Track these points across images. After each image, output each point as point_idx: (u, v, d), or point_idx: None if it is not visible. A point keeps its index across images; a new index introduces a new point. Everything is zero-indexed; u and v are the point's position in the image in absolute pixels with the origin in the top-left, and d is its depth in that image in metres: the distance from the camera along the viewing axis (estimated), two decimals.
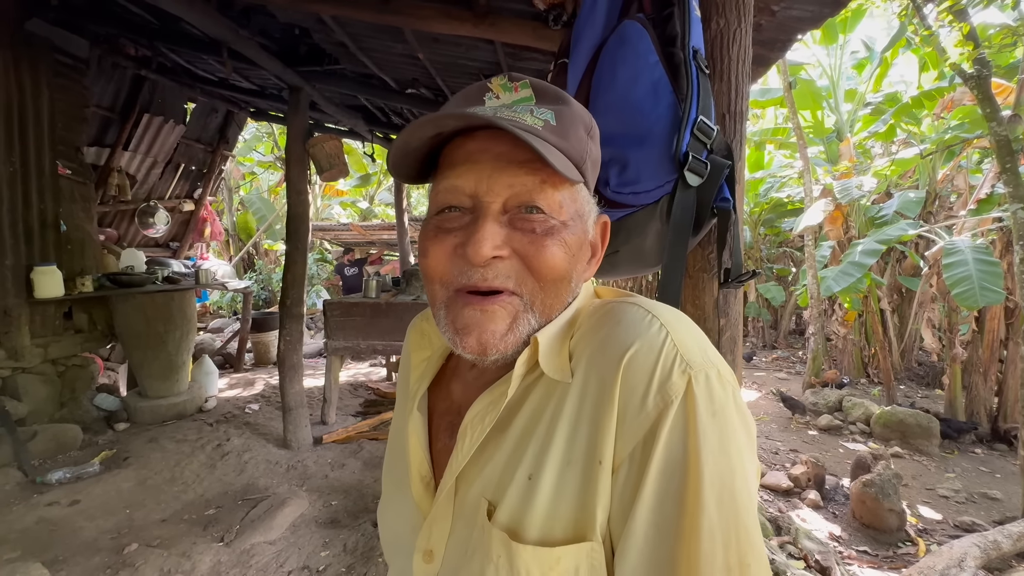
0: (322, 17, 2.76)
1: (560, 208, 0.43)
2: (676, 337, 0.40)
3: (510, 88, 0.46)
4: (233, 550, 2.28)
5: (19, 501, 2.64)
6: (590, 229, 0.48)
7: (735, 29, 1.01)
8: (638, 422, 0.38)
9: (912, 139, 6.16)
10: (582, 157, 0.44)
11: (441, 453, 0.50)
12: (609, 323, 0.43)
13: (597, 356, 0.41)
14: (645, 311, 0.42)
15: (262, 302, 9.17)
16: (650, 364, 0.38)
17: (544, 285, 0.43)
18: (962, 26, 3.42)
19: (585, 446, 0.40)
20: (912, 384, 6.15)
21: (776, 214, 8.50)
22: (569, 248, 0.44)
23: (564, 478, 0.40)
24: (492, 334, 0.42)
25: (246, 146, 11.42)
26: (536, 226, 0.42)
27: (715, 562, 0.34)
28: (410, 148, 0.44)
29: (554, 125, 0.43)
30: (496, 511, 0.42)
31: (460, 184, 0.43)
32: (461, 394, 0.52)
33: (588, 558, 0.38)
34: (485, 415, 0.45)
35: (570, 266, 0.44)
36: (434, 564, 0.46)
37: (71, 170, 3.67)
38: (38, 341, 3.37)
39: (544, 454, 0.41)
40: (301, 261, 3.59)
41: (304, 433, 3.50)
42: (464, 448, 0.45)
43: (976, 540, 2.45)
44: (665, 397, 0.37)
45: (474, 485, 0.44)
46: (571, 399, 0.41)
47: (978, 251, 4.01)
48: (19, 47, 3.18)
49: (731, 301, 1.05)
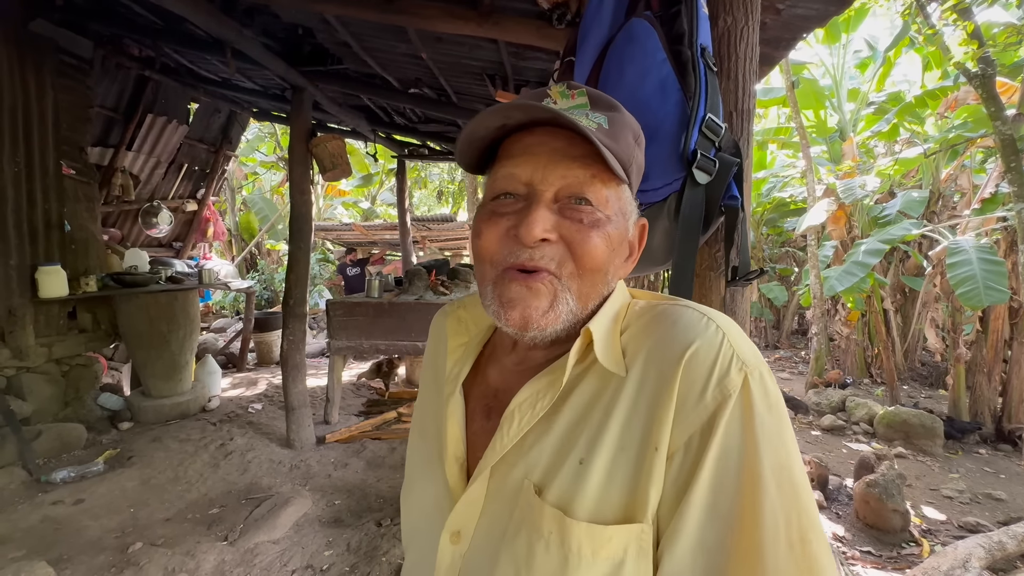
0: (326, 17, 2.77)
1: (607, 203, 0.47)
2: (732, 339, 0.43)
3: (567, 95, 0.50)
4: (237, 549, 2.28)
5: (24, 500, 2.65)
6: (630, 228, 0.51)
7: (742, 27, 1.00)
8: (696, 412, 0.40)
9: (915, 138, 6.14)
10: (629, 160, 0.48)
11: (476, 435, 0.52)
12: (665, 323, 0.46)
13: (656, 352, 0.44)
14: (701, 314, 0.45)
15: (265, 302, 9.18)
16: (710, 360, 0.41)
17: (583, 272, 0.46)
18: (966, 25, 3.41)
19: (640, 433, 0.42)
20: (915, 384, 6.13)
21: (779, 214, 8.49)
22: (611, 241, 0.47)
23: (617, 463, 0.42)
24: (535, 309, 0.45)
25: (249, 146, 11.45)
26: (584, 216, 0.46)
27: (778, 539, 0.37)
28: (476, 137, 0.48)
29: (607, 128, 0.47)
30: (545, 492, 0.43)
31: (517, 172, 0.47)
32: (498, 379, 0.54)
33: (637, 539, 0.40)
34: (536, 402, 0.47)
35: (609, 259, 0.47)
36: (461, 544, 0.47)
37: (75, 170, 3.68)
38: (42, 340, 3.38)
39: (597, 441, 0.43)
40: (304, 261, 3.59)
41: (307, 433, 3.51)
42: (511, 432, 0.46)
43: (981, 541, 2.43)
44: (724, 391, 0.40)
45: (516, 467, 0.46)
46: (628, 391, 0.44)
47: (982, 251, 4.00)
48: (24, 47, 3.20)
49: (738, 299, 1.05)
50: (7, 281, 3.16)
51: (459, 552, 0.47)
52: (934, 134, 5.91)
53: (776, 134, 7.96)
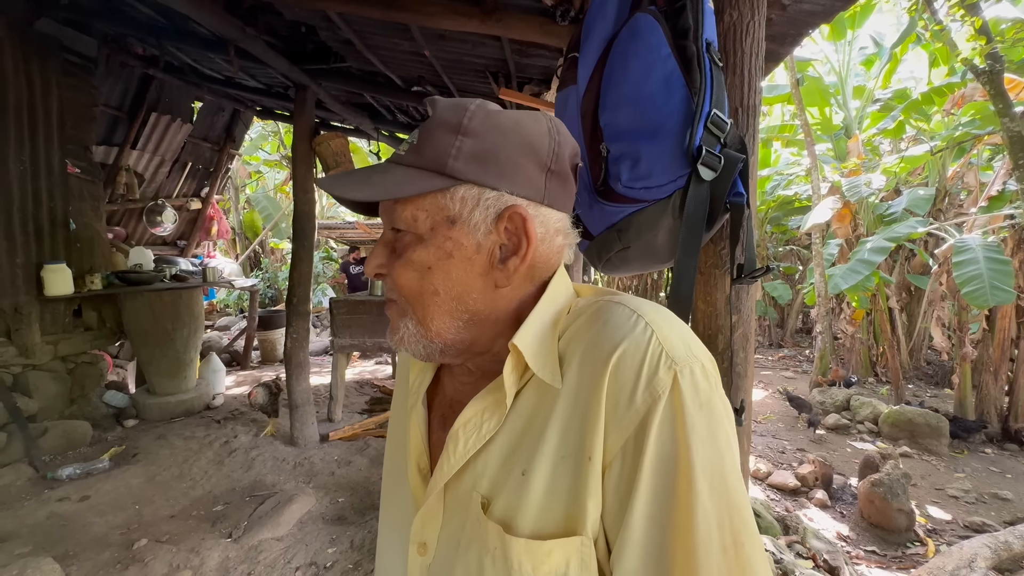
0: (328, 14, 2.76)
1: (414, 221, 0.46)
2: (660, 335, 0.41)
3: None
4: (241, 546, 2.29)
5: (30, 496, 2.67)
6: (478, 228, 0.46)
7: (748, 22, 1.00)
8: (628, 417, 0.39)
9: (922, 136, 6.09)
10: (441, 161, 0.45)
11: (436, 445, 0.53)
12: (597, 323, 0.44)
13: (587, 356, 0.43)
14: (631, 311, 0.43)
15: (268, 300, 9.22)
16: (637, 362, 0.40)
17: (408, 300, 0.48)
18: (974, 20, 3.38)
19: (576, 442, 0.41)
20: (921, 383, 6.10)
21: (783, 212, 8.45)
22: (418, 264, 0.46)
23: (557, 473, 0.41)
24: (391, 331, 0.50)
25: (252, 145, 11.48)
26: (397, 246, 0.48)
27: (711, 543, 0.36)
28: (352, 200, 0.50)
29: (415, 143, 0.46)
30: (491, 505, 0.44)
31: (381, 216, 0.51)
32: (452, 389, 0.56)
33: (578, 552, 0.40)
34: (481, 423, 0.46)
35: (425, 281, 0.47)
36: (427, 556, 0.48)
37: (80, 169, 3.70)
38: (48, 338, 3.40)
39: (537, 451, 0.42)
40: (307, 259, 3.60)
41: (311, 430, 3.52)
42: (457, 453, 0.46)
43: (987, 541, 2.42)
44: (653, 393, 0.39)
45: (464, 480, 0.46)
46: (564, 398, 0.43)
47: (989, 249, 3.97)
48: (29, 46, 3.21)
49: (743, 297, 1.04)
50: (13, 279, 3.18)
51: (426, 563, 0.48)
52: (941, 131, 5.86)
53: (781, 131, 7.92)
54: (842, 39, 6.68)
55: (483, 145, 0.45)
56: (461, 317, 0.48)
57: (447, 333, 0.48)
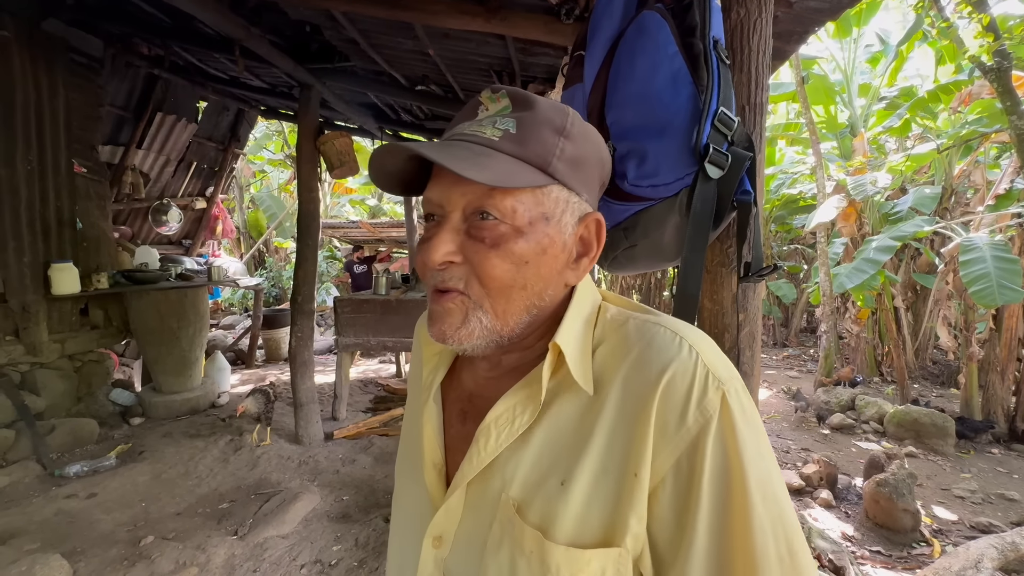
0: (333, 13, 2.77)
1: (514, 213, 0.45)
2: (705, 357, 0.43)
3: (494, 99, 0.49)
4: (247, 543, 2.30)
5: (38, 493, 2.69)
6: (566, 229, 0.49)
7: (755, 19, 0.99)
8: (680, 436, 0.41)
9: (928, 134, 6.04)
10: (547, 159, 0.46)
11: (454, 440, 0.53)
12: (640, 343, 0.46)
13: (633, 375, 0.44)
14: (673, 333, 0.45)
15: (273, 299, 9.25)
16: (687, 383, 0.42)
17: (489, 291, 0.46)
18: (981, 17, 3.35)
19: (621, 458, 0.42)
20: (927, 383, 6.06)
21: (788, 211, 8.41)
22: (518, 256, 0.45)
23: (598, 486, 0.43)
24: (448, 326, 0.47)
25: (257, 144, 11.51)
26: (486, 235, 0.45)
27: (769, 554, 0.39)
28: (391, 171, 0.49)
29: (513, 133, 0.46)
30: (525, 510, 0.44)
31: (431, 196, 0.48)
32: (472, 384, 0.55)
33: (615, 562, 0.42)
34: (513, 418, 0.47)
35: (519, 275, 0.46)
36: (442, 549, 0.49)
37: (86, 168, 3.72)
38: (55, 337, 3.43)
39: (578, 463, 0.44)
40: (312, 258, 3.61)
41: (315, 429, 3.53)
42: (488, 447, 0.47)
43: (993, 541, 2.40)
44: (704, 412, 0.41)
45: (492, 479, 0.47)
46: (607, 413, 0.44)
47: (996, 248, 3.93)
48: (36, 47, 3.23)
49: (750, 296, 1.04)
50: (21, 278, 3.20)
51: (440, 556, 0.49)
52: (947, 129, 5.82)
53: (786, 130, 7.88)
54: (848, 36, 6.64)
55: (578, 151, 0.48)
56: (531, 312, 0.48)
57: (517, 327, 0.48)
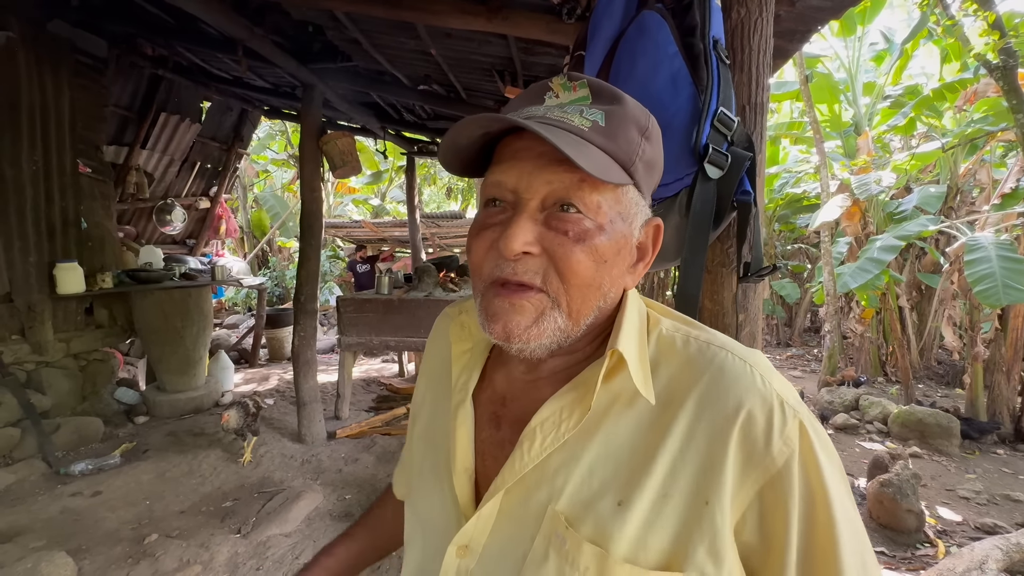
0: (335, 14, 2.77)
1: (598, 209, 0.44)
2: (776, 386, 0.43)
3: (569, 88, 0.47)
4: (250, 542, 2.31)
5: (44, 491, 2.71)
6: (636, 232, 0.48)
7: (756, 18, 0.99)
8: (764, 466, 0.41)
9: (933, 132, 6.01)
10: (630, 159, 0.45)
11: (484, 444, 0.50)
12: (710, 369, 0.44)
13: (707, 404, 0.43)
14: (743, 361, 0.44)
15: (276, 298, 9.28)
16: (766, 415, 0.41)
17: (569, 288, 0.43)
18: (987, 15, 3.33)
19: (689, 485, 0.41)
20: (931, 383, 6.03)
21: (791, 210, 8.38)
22: (600, 254, 0.44)
23: (658, 510, 0.41)
24: (517, 324, 0.43)
25: (260, 144, 11.55)
26: (570, 228, 0.43)
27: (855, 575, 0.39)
28: (460, 146, 0.46)
29: (602, 126, 0.43)
30: (578, 525, 0.42)
31: (503, 179, 0.45)
32: (506, 386, 0.52)
33: None
34: (560, 422, 0.45)
35: (599, 273, 0.44)
36: (468, 559, 0.46)
37: (91, 168, 3.75)
38: (61, 336, 3.45)
39: (638, 484, 0.42)
40: (314, 258, 3.62)
41: (318, 428, 3.54)
42: (532, 452, 0.45)
43: (998, 542, 2.39)
44: (788, 443, 0.41)
45: (538, 490, 0.44)
46: (674, 437, 0.42)
47: (1002, 247, 3.91)
48: (41, 48, 3.25)
49: (751, 296, 1.03)
50: (26, 277, 3.23)
51: (465, 566, 0.46)
52: (952, 128, 5.78)
53: (789, 129, 7.84)
54: (852, 35, 6.59)
55: (654, 155, 0.47)
56: (595, 313, 0.46)
57: (582, 329, 0.46)
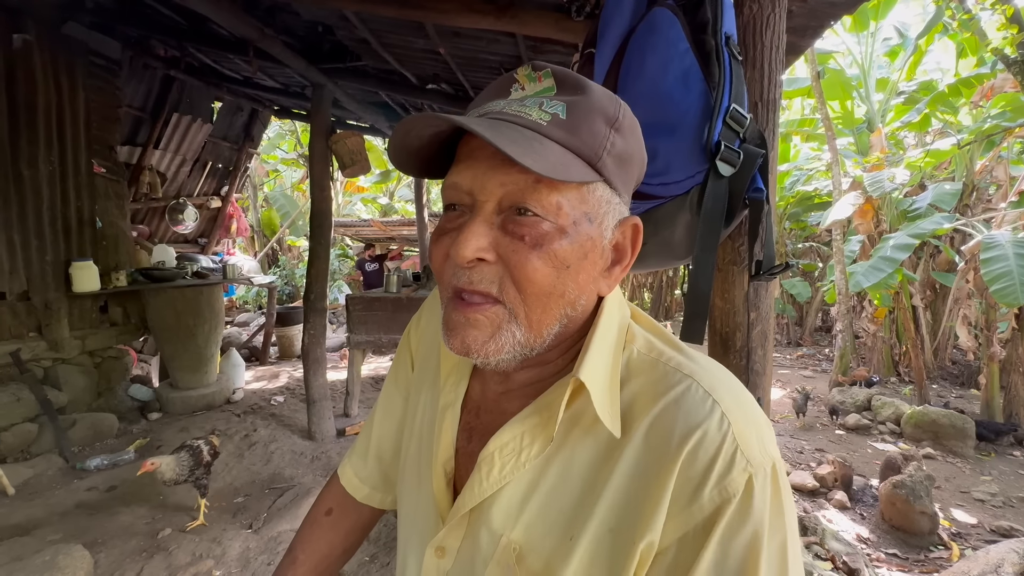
0: (345, 13, 2.78)
1: (559, 211, 0.39)
2: (736, 428, 0.38)
3: (534, 78, 0.43)
4: (261, 537, 2.34)
5: (60, 486, 2.76)
6: (607, 233, 0.43)
7: (768, 14, 0.98)
8: (692, 510, 0.37)
9: (948, 129, 5.91)
10: (596, 153, 0.40)
11: (459, 453, 0.50)
12: (668, 396, 0.41)
13: (654, 434, 0.40)
14: (707, 394, 0.40)
15: (286, 297, 9.36)
16: (709, 456, 0.37)
17: (526, 298, 0.40)
18: (1005, 8, 3.26)
19: (630, 520, 0.39)
20: (945, 384, 5.94)
21: (802, 208, 8.28)
22: (560, 260, 0.40)
23: (601, 544, 0.39)
24: (474, 340, 0.41)
25: (270, 144, 11.65)
26: (526, 232, 0.39)
27: None
28: (413, 147, 0.42)
29: (563, 119, 0.39)
30: (526, 556, 0.41)
31: (459, 181, 0.41)
32: (480, 396, 0.51)
33: None
34: (520, 449, 0.43)
35: (560, 280, 0.40)
36: (446, 561, 0.46)
37: (106, 168, 3.80)
38: (76, 333, 3.51)
39: (588, 516, 0.40)
40: (324, 257, 3.65)
41: (327, 425, 3.57)
42: (490, 479, 0.43)
43: (1014, 545, 2.35)
44: (724, 493, 0.37)
45: (493, 513, 0.44)
46: (623, 469, 0.40)
47: (1019, 245, 3.84)
48: (57, 50, 3.30)
49: (762, 295, 1.03)
50: (43, 276, 3.29)
51: (444, 567, 0.46)
52: (968, 124, 5.68)
53: (800, 126, 7.75)
54: (865, 30, 6.50)
55: (626, 147, 0.43)
56: (561, 322, 0.42)
57: (547, 340, 0.42)
